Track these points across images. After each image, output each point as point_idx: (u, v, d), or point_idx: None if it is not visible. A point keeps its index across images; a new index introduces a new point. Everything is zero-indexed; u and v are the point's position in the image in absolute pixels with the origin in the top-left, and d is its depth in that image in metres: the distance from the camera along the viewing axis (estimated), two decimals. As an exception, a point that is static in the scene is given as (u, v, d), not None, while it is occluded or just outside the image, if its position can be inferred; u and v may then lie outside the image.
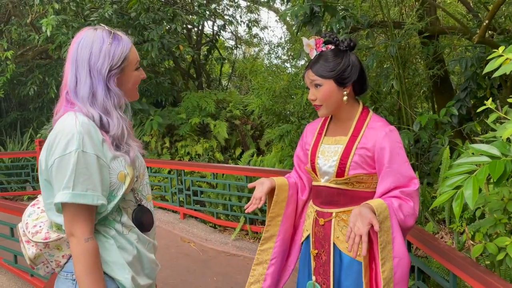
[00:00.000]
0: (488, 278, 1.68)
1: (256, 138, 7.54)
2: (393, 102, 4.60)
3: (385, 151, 1.64)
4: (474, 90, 3.95)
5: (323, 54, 1.72)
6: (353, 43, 1.73)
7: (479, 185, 1.44)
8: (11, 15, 8.16)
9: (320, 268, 1.78)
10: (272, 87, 5.65)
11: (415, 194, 1.65)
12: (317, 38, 1.74)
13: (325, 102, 1.71)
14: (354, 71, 1.70)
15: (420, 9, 4.20)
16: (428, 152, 4.07)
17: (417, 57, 4.86)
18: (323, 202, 1.79)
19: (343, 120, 1.78)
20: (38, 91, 8.33)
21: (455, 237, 3.21)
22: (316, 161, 1.79)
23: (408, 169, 1.66)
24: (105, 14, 5.74)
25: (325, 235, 1.76)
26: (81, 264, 1.28)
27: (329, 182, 1.75)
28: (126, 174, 1.38)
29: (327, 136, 1.83)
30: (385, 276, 1.58)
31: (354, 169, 1.69)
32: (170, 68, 8.19)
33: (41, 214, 1.48)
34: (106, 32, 1.39)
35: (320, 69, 1.69)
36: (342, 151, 1.71)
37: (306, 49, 1.79)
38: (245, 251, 4.46)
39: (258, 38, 10.61)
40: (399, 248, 1.59)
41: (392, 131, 1.68)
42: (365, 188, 1.72)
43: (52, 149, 1.30)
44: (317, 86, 1.70)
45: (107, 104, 1.37)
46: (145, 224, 1.47)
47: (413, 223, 1.66)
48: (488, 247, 1.99)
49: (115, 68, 1.38)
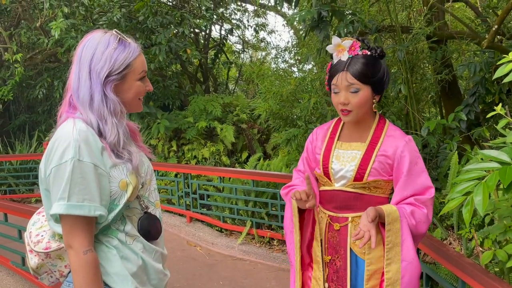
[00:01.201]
0: (498, 285, 1.67)
1: (263, 142, 7.54)
2: (400, 106, 4.58)
3: (404, 160, 1.65)
4: (482, 95, 3.92)
5: (359, 57, 1.65)
6: (384, 52, 1.71)
7: (489, 191, 1.43)
8: (20, 18, 8.25)
9: (333, 274, 1.75)
10: (279, 91, 5.65)
11: (429, 202, 1.65)
12: (355, 40, 1.68)
13: (358, 109, 1.66)
14: (388, 79, 1.70)
15: (428, 13, 4.18)
16: (436, 157, 4.04)
17: (425, 62, 4.83)
18: (337, 207, 1.76)
19: (361, 128, 1.75)
20: (47, 94, 8.42)
21: (463, 243, 3.18)
22: (330, 165, 1.76)
23: (426, 178, 1.66)
24: (113, 18, 5.79)
25: (341, 240, 1.74)
26: (80, 277, 1.24)
27: (346, 186, 1.73)
28: (128, 183, 1.33)
29: (341, 141, 1.80)
30: (389, 276, 1.59)
31: (373, 175, 1.68)
32: (177, 71, 8.22)
33: (45, 222, 1.43)
34: (114, 37, 1.36)
35: (361, 73, 1.62)
36: (361, 157, 1.70)
37: (332, 49, 1.70)
38: (251, 256, 4.45)
39: (265, 42, 10.63)
40: (408, 252, 1.59)
41: (411, 140, 1.70)
42: (380, 194, 1.73)
43: (50, 158, 1.27)
44: (354, 91, 1.64)
45: (103, 110, 1.32)
46: (152, 232, 1.42)
47: (425, 230, 1.65)
48: (497, 254, 1.98)
49: (114, 73, 1.33)
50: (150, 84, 1.47)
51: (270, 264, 4.25)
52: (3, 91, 7.66)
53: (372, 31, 3.80)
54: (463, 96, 4.61)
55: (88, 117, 1.31)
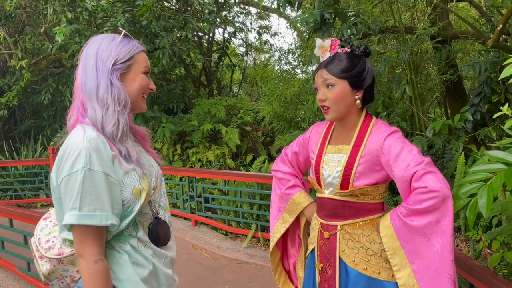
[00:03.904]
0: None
1: (267, 145, 7.53)
2: (405, 107, 4.56)
3: (388, 149, 1.56)
4: (488, 95, 3.90)
5: (338, 55, 1.66)
6: (368, 49, 1.69)
7: (494, 193, 1.41)
8: (25, 24, 8.31)
9: (325, 282, 1.73)
10: (283, 93, 5.64)
11: (428, 169, 1.48)
12: (333, 39, 1.69)
13: (336, 104, 1.64)
14: (369, 76, 1.65)
15: (432, 14, 4.16)
16: (442, 158, 4.01)
17: (429, 62, 4.81)
18: (327, 215, 1.74)
19: (347, 128, 1.72)
20: (52, 99, 8.47)
21: (471, 245, 3.15)
22: (321, 171, 1.74)
23: (417, 153, 1.53)
24: (117, 23, 5.80)
25: (331, 249, 1.71)
26: (90, 286, 1.24)
27: (333, 194, 1.70)
28: (141, 189, 1.33)
29: (330, 145, 1.77)
30: (402, 283, 1.53)
31: (359, 179, 1.63)
32: (181, 75, 8.24)
33: (53, 228, 1.43)
34: (118, 34, 1.41)
35: (335, 68, 1.62)
36: (346, 161, 1.65)
37: (318, 51, 1.73)
38: (257, 259, 4.44)
39: (269, 45, 10.64)
40: (416, 252, 1.51)
41: (394, 131, 1.61)
42: (370, 200, 1.67)
43: (61, 167, 1.27)
44: (329, 86, 1.63)
45: (107, 97, 1.32)
46: (162, 238, 1.42)
47: (434, 206, 1.45)
48: (506, 256, 1.95)
49: (119, 62, 1.36)
50: (153, 84, 1.48)
51: (276, 267, 4.22)
52: (8, 96, 7.72)
53: (376, 32, 3.79)
54: (468, 96, 4.58)
55: (95, 112, 1.31)
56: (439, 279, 1.47)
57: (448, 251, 1.46)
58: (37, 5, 7.53)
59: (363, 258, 1.65)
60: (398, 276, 1.54)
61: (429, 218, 1.47)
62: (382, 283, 1.62)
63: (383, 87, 4.71)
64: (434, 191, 1.44)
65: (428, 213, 1.47)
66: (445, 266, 1.46)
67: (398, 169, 1.53)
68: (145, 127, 1.58)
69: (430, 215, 1.47)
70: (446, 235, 1.46)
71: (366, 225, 1.67)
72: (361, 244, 1.66)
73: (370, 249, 1.65)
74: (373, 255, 1.65)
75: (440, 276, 1.47)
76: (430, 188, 1.44)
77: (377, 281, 1.63)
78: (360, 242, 1.66)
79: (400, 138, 1.60)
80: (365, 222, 1.67)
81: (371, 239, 1.65)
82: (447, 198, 1.45)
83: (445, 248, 1.46)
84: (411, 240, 1.52)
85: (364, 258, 1.65)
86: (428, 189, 1.45)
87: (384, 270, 1.63)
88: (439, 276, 1.47)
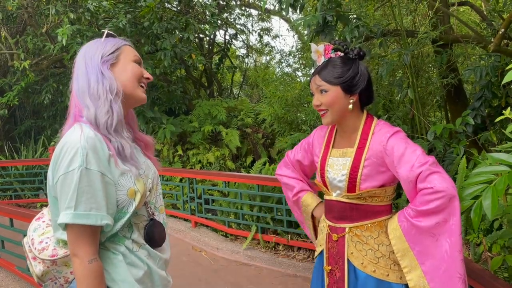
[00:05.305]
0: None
1: (268, 147, 7.53)
2: (406, 111, 4.56)
3: (391, 150, 1.57)
4: (488, 99, 3.90)
5: (331, 60, 1.68)
6: (362, 52, 1.70)
7: (498, 195, 1.41)
8: (26, 25, 8.31)
9: (333, 285, 1.73)
10: (284, 96, 5.64)
11: (433, 169, 1.48)
12: (327, 44, 1.71)
13: (330, 108, 1.66)
14: (362, 79, 1.66)
15: (433, 17, 4.18)
16: (443, 162, 4.01)
17: (430, 66, 4.82)
18: (335, 217, 1.75)
19: (349, 131, 1.73)
20: (52, 100, 8.47)
21: (471, 248, 3.15)
22: (326, 175, 1.75)
23: (421, 153, 1.53)
24: (119, 24, 5.81)
25: (339, 251, 1.72)
26: (84, 286, 1.23)
27: (341, 196, 1.71)
28: (136, 191, 1.33)
29: (334, 148, 1.78)
30: (413, 284, 1.53)
31: (365, 182, 1.63)
32: (182, 76, 8.24)
33: (46, 228, 1.43)
34: (102, 36, 1.44)
35: (328, 75, 1.65)
36: (351, 164, 1.66)
37: (314, 56, 1.76)
38: (256, 261, 4.43)
39: (270, 47, 10.65)
40: (426, 253, 1.50)
41: (396, 132, 1.62)
42: (378, 202, 1.67)
43: (57, 166, 1.26)
44: (323, 92, 1.66)
45: (97, 87, 1.33)
46: (158, 239, 1.42)
47: (442, 206, 1.46)
48: (507, 259, 1.95)
49: (107, 54, 1.38)
50: (148, 73, 1.48)
51: (276, 269, 4.22)
52: (9, 96, 7.72)
53: (377, 35, 3.79)
54: (468, 100, 4.58)
55: (88, 109, 1.31)
56: (449, 278, 1.47)
57: (457, 250, 1.46)
58: (39, 5, 7.55)
59: (372, 260, 1.65)
60: (408, 278, 1.54)
61: (437, 219, 1.47)
62: (391, 285, 1.63)
63: (384, 90, 4.72)
64: (440, 191, 1.44)
65: (435, 213, 1.47)
66: (455, 266, 1.46)
67: (403, 170, 1.54)
68: (151, 137, 1.57)
69: (438, 215, 1.47)
70: (455, 235, 1.46)
71: (375, 227, 1.67)
72: (369, 246, 1.66)
73: (379, 251, 1.65)
74: (381, 257, 1.65)
75: (450, 275, 1.47)
76: (436, 189, 1.45)
77: (385, 284, 1.63)
78: (369, 244, 1.67)
79: (403, 138, 1.60)
80: (373, 224, 1.68)
81: (380, 241, 1.66)
82: (454, 198, 1.45)
83: (454, 247, 1.46)
84: (420, 241, 1.52)
85: (372, 260, 1.65)
86: (434, 189, 1.45)
87: (392, 272, 1.63)
88: (449, 276, 1.47)
